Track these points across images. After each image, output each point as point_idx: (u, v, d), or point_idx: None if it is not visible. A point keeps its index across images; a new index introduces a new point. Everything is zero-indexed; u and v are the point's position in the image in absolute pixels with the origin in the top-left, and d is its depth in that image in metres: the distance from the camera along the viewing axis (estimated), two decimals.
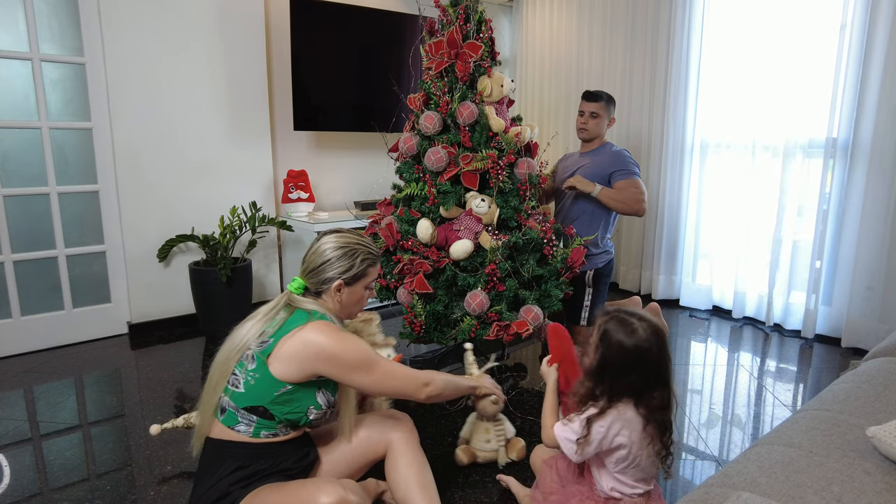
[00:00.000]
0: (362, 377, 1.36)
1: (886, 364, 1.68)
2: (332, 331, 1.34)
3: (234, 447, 1.33)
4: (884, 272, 2.82)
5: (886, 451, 1.14)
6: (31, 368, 2.67)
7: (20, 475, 1.82)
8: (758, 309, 3.40)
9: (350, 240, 1.46)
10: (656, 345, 1.26)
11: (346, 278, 1.43)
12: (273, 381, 1.31)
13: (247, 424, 1.33)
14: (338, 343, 1.32)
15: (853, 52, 2.83)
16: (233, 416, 1.33)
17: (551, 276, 2.29)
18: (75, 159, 2.91)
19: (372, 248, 1.50)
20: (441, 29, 2.35)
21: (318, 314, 1.37)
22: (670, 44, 3.57)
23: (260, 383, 1.32)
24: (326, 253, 1.43)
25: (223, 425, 1.34)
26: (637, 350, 1.25)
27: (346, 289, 1.44)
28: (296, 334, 1.32)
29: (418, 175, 2.31)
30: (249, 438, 1.33)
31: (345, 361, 1.33)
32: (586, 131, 2.83)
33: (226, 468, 1.31)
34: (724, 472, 1.19)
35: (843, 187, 2.95)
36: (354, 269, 1.43)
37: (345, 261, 1.42)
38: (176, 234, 3.11)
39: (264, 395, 1.32)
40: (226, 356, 1.36)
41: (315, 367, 1.32)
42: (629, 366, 1.27)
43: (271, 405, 1.32)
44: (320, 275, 1.42)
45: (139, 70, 2.95)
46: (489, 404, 1.78)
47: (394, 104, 3.72)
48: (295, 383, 1.32)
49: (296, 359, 1.31)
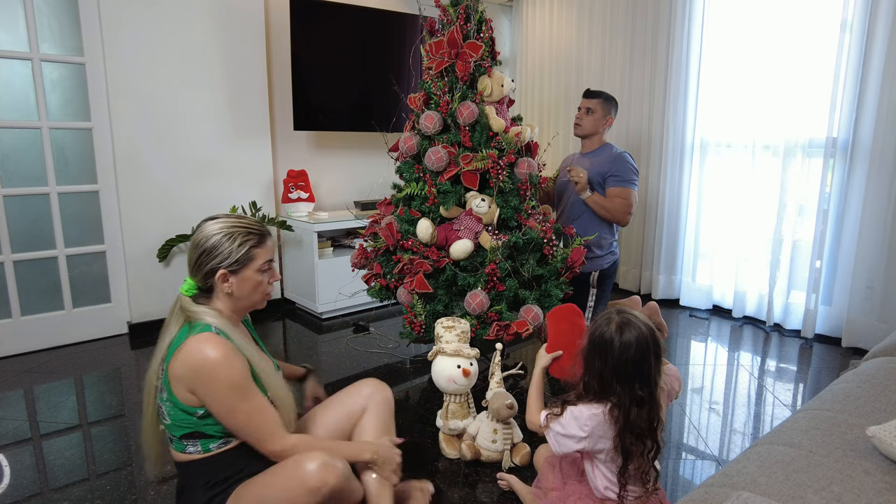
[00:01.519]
0: (230, 404, 1.22)
1: (886, 364, 1.68)
2: (209, 345, 1.21)
3: (196, 465, 1.30)
4: (884, 272, 2.82)
5: (886, 450, 1.14)
6: (31, 368, 2.67)
7: (20, 475, 1.82)
8: (758, 308, 3.40)
9: (227, 223, 1.31)
10: (636, 342, 1.27)
11: (228, 266, 1.29)
12: (183, 406, 1.24)
13: (193, 446, 1.28)
14: (213, 361, 1.20)
15: (853, 51, 2.83)
16: (178, 444, 1.29)
17: (551, 275, 2.29)
18: (75, 159, 2.91)
19: (253, 226, 1.34)
20: (441, 29, 2.35)
21: (200, 325, 1.25)
22: (670, 44, 3.57)
23: (176, 411, 1.25)
24: (203, 242, 1.29)
25: (176, 451, 1.30)
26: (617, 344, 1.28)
27: (233, 278, 1.30)
28: (177, 356, 1.22)
29: (418, 175, 2.31)
30: (203, 454, 1.28)
31: (212, 384, 1.20)
32: (580, 126, 2.83)
33: (199, 484, 1.29)
34: (724, 472, 1.19)
35: (843, 187, 2.95)
36: (234, 254, 1.29)
37: (223, 247, 1.28)
38: (176, 233, 3.11)
39: (187, 421, 1.25)
40: (146, 392, 1.31)
41: (194, 389, 1.22)
42: (603, 356, 1.29)
43: (201, 426, 1.25)
44: (202, 268, 1.29)
45: (139, 70, 2.94)
46: (504, 408, 1.79)
47: (394, 104, 3.72)
48: (201, 405, 1.24)
49: (181, 383, 1.22)
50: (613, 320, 1.30)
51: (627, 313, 1.32)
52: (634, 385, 1.27)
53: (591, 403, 1.32)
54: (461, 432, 1.94)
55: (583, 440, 1.31)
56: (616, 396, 1.29)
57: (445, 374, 1.90)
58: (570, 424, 1.33)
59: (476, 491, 1.75)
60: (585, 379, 1.35)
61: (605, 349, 1.29)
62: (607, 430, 1.29)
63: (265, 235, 1.36)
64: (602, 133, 2.85)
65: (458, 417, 1.93)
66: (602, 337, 1.30)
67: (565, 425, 1.33)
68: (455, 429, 1.92)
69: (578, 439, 1.32)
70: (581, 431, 1.31)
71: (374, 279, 2.42)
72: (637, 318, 1.30)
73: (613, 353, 1.28)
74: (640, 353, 1.26)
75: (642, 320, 1.29)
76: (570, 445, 1.34)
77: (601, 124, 2.81)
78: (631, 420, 1.27)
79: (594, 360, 1.32)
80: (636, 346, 1.26)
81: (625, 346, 1.27)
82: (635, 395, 1.27)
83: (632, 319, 1.29)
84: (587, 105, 2.80)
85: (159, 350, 1.29)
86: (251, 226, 1.34)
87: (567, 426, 1.33)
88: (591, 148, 2.85)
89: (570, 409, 1.34)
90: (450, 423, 1.93)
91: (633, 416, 1.27)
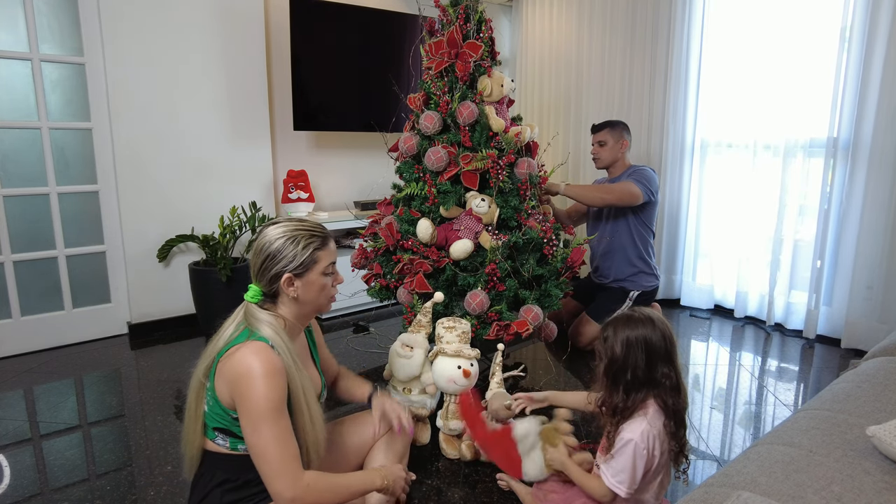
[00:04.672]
0: (257, 422, 1.18)
1: (886, 364, 1.68)
2: (259, 358, 1.19)
3: (219, 458, 1.30)
4: (884, 272, 2.81)
5: (886, 450, 1.14)
6: (31, 368, 2.67)
7: (20, 475, 1.82)
8: (759, 308, 3.40)
9: (289, 226, 1.31)
10: (655, 329, 1.31)
11: (293, 270, 1.29)
12: (220, 404, 1.25)
13: (223, 439, 1.28)
14: (257, 374, 1.18)
15: (854, 50, 2.82)
16: (211, 432, 1.30)
17: (551, 275, 2.29)
18: (75, 159, 2.91)
19: (316, 229, 1.33)
20: (441, 29, 2.35)
21: (258, 335, 1.24)
22: (670, 44, 3.57)
23: (215, 404, 1.26)
24: (266, 247, 1.29)
25: (208, 438, 1.31)
26: (641, 338, 1.30)
27: (298, 282, 1.30)
28: (229, 357, 1.22)
29: (418, 175, 2.31)
30: (229, 451, 1.29)
31: (248, 395, 1.18)
32: (599, 160, 2.96)
33: (215, 478, 1.29)
34: (724, 472, 1.19)
35: (843, 187, 2.94)
36: (298, 257, 1.29)
37: (286, 251, 1.28)
38: (176, 234, 3.11)
39: (222, 417, 1.26)
40: (195, 379, 1.31)
41: (232, 394, 1.21)
42: (635, 353, 1.30)
43: (233, 426, 1.26)
44: (267, 273, 1.29)
45: (139, 70, 2.95)
46: (503, 408, 1.79)
47: (394, 104, 3.71)
48: (236, 410, 1.23)
49: (224, 384, 1.22)
50: (625, 320, 1.33)
51: (628, 313, 1.35)
52: (670, 371, 1.31)
53: (628, 424, 1.31)
54: (461, 432, 1.94)
55: (646, 461, 1.30)
56: (656, 388, 1.31)
57: (446, 375, 1.90)
58: (626, 453, 1.29)
59: (476, 491, 1.75)
60: (614, 400, 1.33)
61: (638, 345, 1.30)
62: (656, 434, 1.30)
63: (328, 238, 1.36)
64: (622, 158, 2.94)
65: (458, 418, 1.93)
66: (628, 338, 1.31)
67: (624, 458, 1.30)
68: (455, 429, 1.92)
69: (643, 463, 1.30)
70: (642, 450, 1.29)
71: (373, 279, 2.42)
72: (639, 311, 1.35)
73: (648, 344, 1.30)
74: (662, 338, 1.31)
75: (645, 313, 1.34)
76: (639, 476, 1.30)
77: (617, 151, 2.91)
78: (670, 407, 1.30)
79: (625, 364, 1.31)
80: (655, 331, 1.30)
81: (645, 334, 1.30)
82: (672, 381, 1.31)
83: (630, 314, 1.34)
84: (597, 139, 2.93)
85: (212, 349, 1.29)
86: (314, 228, 1.33)
87: (625, 458, 1.29)
88: (616, 174, 2.95)
89: (622, 443, 1.30)
90: (450, 423, 1.93)
91: (671, 404, 1.30)
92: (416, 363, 1.91)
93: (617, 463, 1.31)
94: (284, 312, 1.34)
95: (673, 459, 1.34)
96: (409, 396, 1.95)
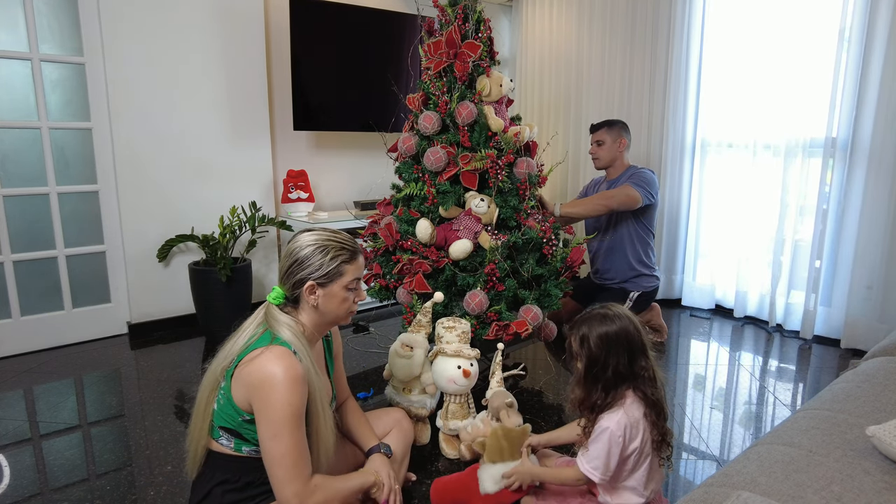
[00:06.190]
0: (279, 428, 1.19)
1: (886, 363, 1.67)
2: (282, 364, 1.19)
3: (222, 458, 1.30)
4: (883, 272, 2.81)
5: (886, 450, 1.14)
6: (31, 368, 2.67)
7: (20, 475, 1.82)
8: (759, 308, 3.40)
9: (322, 236, 1.33)
10: (630, 322, 1.36)
11: (317, 279, 1.31)
12: (234, 405, 1.25)
13: (227, 440, 1.29)
14: (280, 380, 1.18)
15: (853, 50, 2.82)
16: (216, 432, 1.30)
17: (551, 275, 2.29)
18: (75, 159, 2.91)
19: (347, 243, 1.35)
20: (440, 29, 2.35)
21: (280, 340, 1.25)
22: (670, 44, 3.57)
23: (227, 404, 1.26)
24: (296, 252, 1.31)
25: (212, 437, 1.31)
26: (621, 333, 1.34)
27: (320, 291, 1.31)
28: (250, 360, 1.22)
29: (417, 175, 2.31)
30: (233, 452, 1.29)
31: (270, 401, 1.18)
32: (597, 160, 2.97)
33: (216, 478, 1.30)
34: (724, 472, 1.19)
35: (842, 186, 2.94)
36: (325, 267, 1.30)
37: (314, 259, 1.30)
38: (176, 233, 3.11)
39: (232, 417, 1.26)
40: (211, 377, 1.31)
41: (251, 399, 1.21)
42: (616, 349, 1.33)
43: (241, 428, 1.27)
44: (292, 277, 1.31)
45: (139, 70, 2.94)
46: (503, 406, 1.79)
47: (393, 104, 3.71)
48: (251, 412, 1.24)
49: (243, 387, 1.23)
50: (600, 318, 1.37)
51: (591, 314, 1.39)
52: (646, 362, 1.34)
53: (606, 414, 1.34)
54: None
55: (622, 449, 1.32)
56: (635, 380, 1.34)
57: (446, 375, 1.90)
58: (601, 440, 1.32)
59: None
60: (593, 398, 1.36)
61: (618, 341, 1.33)
62: (633, 424, 1.32)
63: (357, 253, 1.36)
64: (621, 157, 2.94)
65: (458, 418, 1.93)
66: (608, 334, 1.34)
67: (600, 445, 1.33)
68: (455, 429, 1.92)
69: (618, 451, 1.32)
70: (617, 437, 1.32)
71: (373, 279, 2.42)
72: (609, 307, 1.39)
73: (628, 339, 1.33)
74: (637, 330, 1.36)
75: (615, 308, 1.39)
76: (614, 464, 1.33)
77: (615, 150, 2.91)
78: (650, 397, 1.34)
79: (607, 362, 1.33)
80: (630, 325, 1.35)
81: (624, 329, 1.34)
82: (650, 372, 1.34)
83: (604, 311, 1.38)
84: (595, 139, 2.94)
85: (231, 348, 1.29)
86: (345, 241, 1.35)
87: (600, 444, 1.33)
88: (615, 175, 2.96)
89: (599, 431, 1.33)
90: (450, 423, 1.93)
91: (650, 394, 1.34)
92: (416, 363, 1.91)
93: (592, 450, 1.34)
94: (303, 319, 1.34)
95: (656, 448, 1.36)
96: (409, 396, 1.95)
